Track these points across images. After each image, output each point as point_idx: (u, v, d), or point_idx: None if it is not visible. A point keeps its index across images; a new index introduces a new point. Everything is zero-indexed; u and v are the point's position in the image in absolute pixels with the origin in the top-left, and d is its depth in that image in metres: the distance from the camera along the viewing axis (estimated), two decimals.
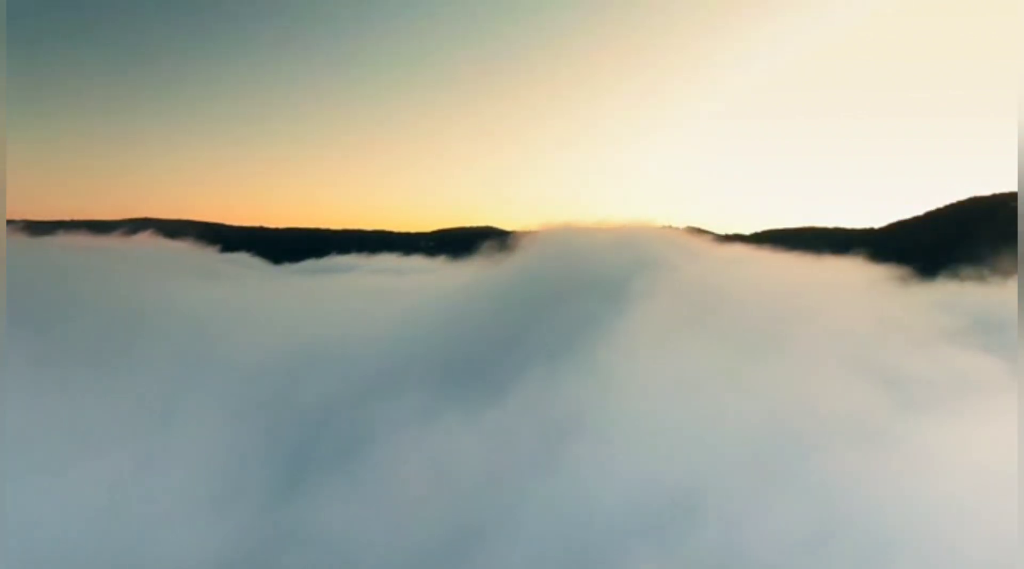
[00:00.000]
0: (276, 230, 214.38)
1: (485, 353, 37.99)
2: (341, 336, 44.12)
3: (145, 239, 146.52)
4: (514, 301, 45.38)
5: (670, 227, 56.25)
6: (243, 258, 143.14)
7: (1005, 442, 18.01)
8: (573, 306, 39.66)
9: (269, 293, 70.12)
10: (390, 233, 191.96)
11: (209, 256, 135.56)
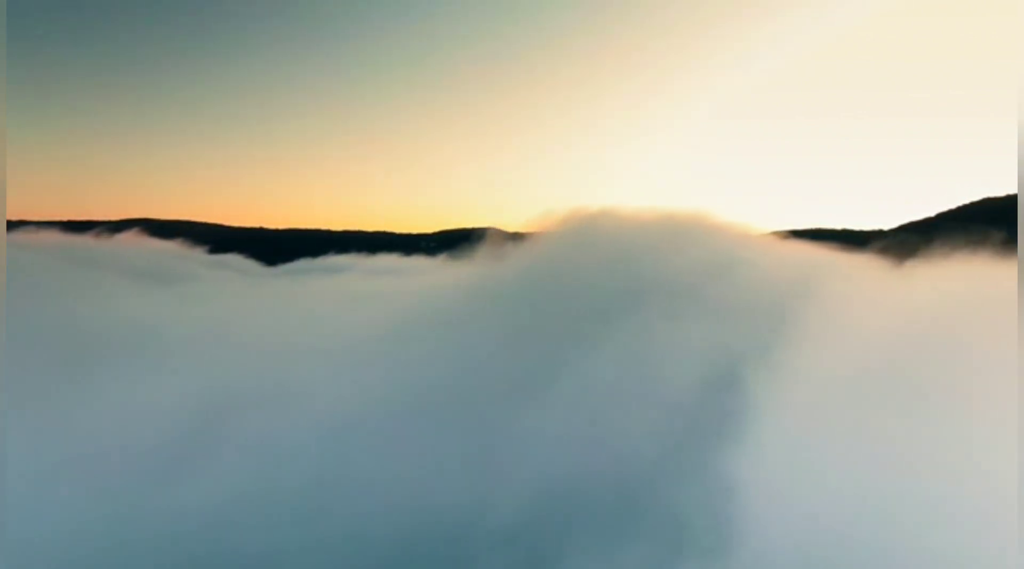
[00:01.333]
0: (274, 231, 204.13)
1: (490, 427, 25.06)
2: (295, 374, 31.14)
3: (129, 238, 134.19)
4: (539, 317, 32.28)
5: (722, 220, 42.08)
6: (232, 259, 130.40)
7: None
8: (631, 328, 26.68)
9: (239, 301, 57.18)
10: (390, 234, 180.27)
11: (194, 257, 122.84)
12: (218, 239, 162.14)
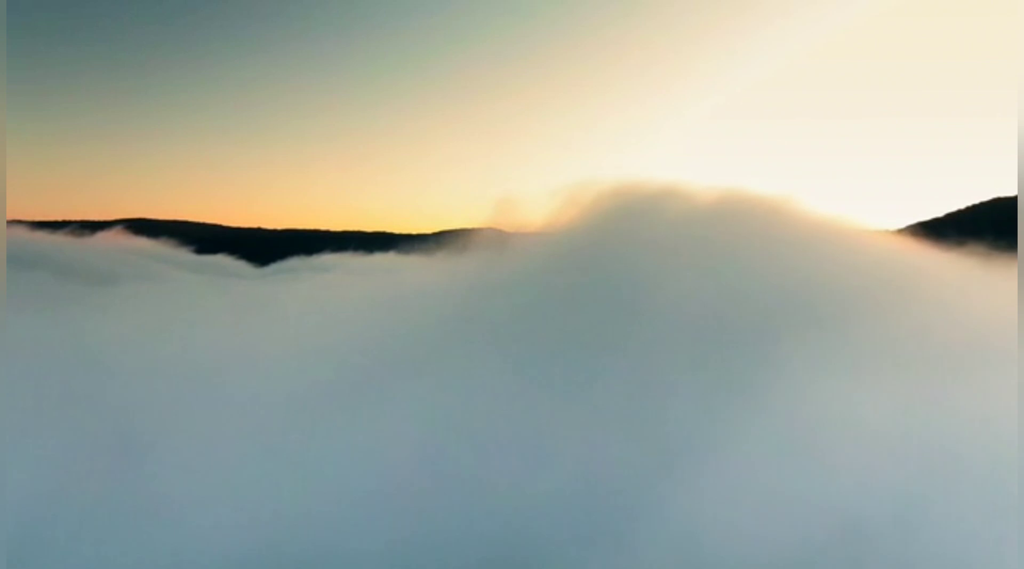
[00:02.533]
0: (271, 231, 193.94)
1: None
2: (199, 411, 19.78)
3: (109, 237, 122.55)
4: (576, 338, 20.38)
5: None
6: (220, 260, 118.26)
7: None
8: (760, 371, 14.83)
9: (190, 305, 45.43)
10: (388, 234, 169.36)
11: (176, 257, 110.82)
12: (210, 239, 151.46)
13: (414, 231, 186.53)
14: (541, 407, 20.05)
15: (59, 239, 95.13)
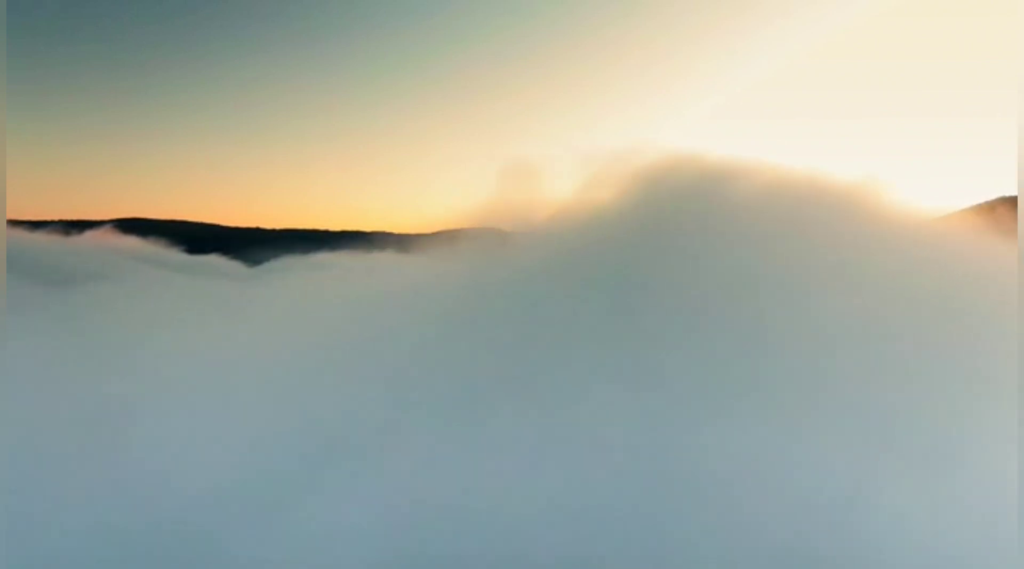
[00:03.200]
0: (269, 231, 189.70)
1: None
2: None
3: (97, 237, 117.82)
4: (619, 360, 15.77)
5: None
6: (210, 260, 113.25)
7: None
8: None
9: (169, 313, 40.83)
10: (387, 234, 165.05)
11: (160, 256, 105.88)
12: (204, 238, 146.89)
13: (413, 231, 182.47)
14: (564, 436, 15.69)
15: (40, 238, 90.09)
